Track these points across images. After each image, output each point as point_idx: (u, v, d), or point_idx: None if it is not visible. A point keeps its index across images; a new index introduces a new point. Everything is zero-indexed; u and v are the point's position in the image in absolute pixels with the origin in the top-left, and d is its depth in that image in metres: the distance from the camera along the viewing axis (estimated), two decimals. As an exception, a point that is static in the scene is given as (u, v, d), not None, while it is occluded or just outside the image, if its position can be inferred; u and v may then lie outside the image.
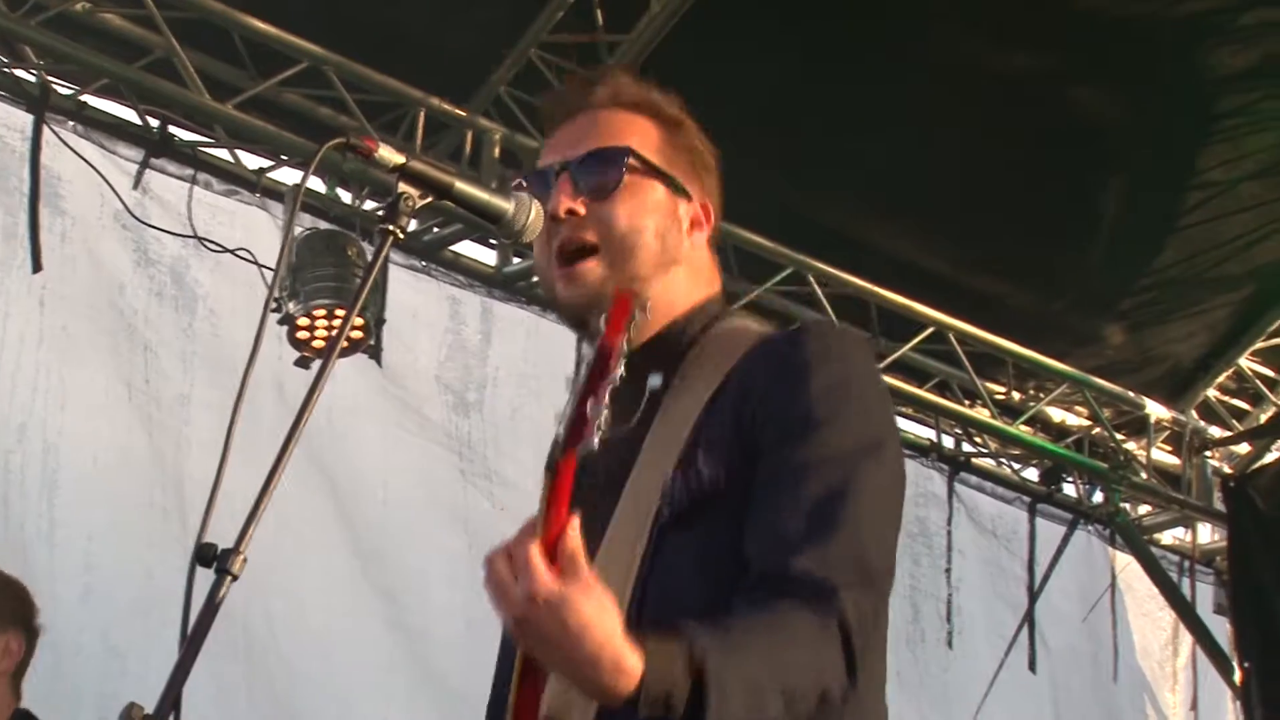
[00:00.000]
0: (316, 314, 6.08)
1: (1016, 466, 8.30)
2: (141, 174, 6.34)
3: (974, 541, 8.03)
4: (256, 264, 6.29)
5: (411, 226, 3.23)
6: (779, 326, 2.47)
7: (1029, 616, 7.90)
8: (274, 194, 6.50)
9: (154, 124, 6.35)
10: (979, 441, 8.17)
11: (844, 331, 2.48)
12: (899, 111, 6.62)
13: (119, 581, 5.98)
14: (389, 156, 2.33)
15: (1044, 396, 8.00)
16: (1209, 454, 8.48)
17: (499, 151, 6.50)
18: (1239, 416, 8.49)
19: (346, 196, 6.57)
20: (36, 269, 5.98)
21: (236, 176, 6.49)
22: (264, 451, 2.15)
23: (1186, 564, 8.42)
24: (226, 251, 6.35)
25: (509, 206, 2.41)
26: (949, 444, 8.05)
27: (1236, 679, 7.94)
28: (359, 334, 6.12)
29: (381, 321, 6.33)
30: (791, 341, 2.36)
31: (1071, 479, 8.25)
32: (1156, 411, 8.16)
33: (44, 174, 6.06)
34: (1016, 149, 6.83)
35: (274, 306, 5.95)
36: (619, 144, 2.47)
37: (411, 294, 6.75)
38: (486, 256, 6.92)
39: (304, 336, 6.11)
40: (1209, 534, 8.70)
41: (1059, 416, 8.28)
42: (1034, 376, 8.02)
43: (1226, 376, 8.29)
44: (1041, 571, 8.02)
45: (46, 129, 6.07)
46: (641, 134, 2.51)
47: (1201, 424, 8.41)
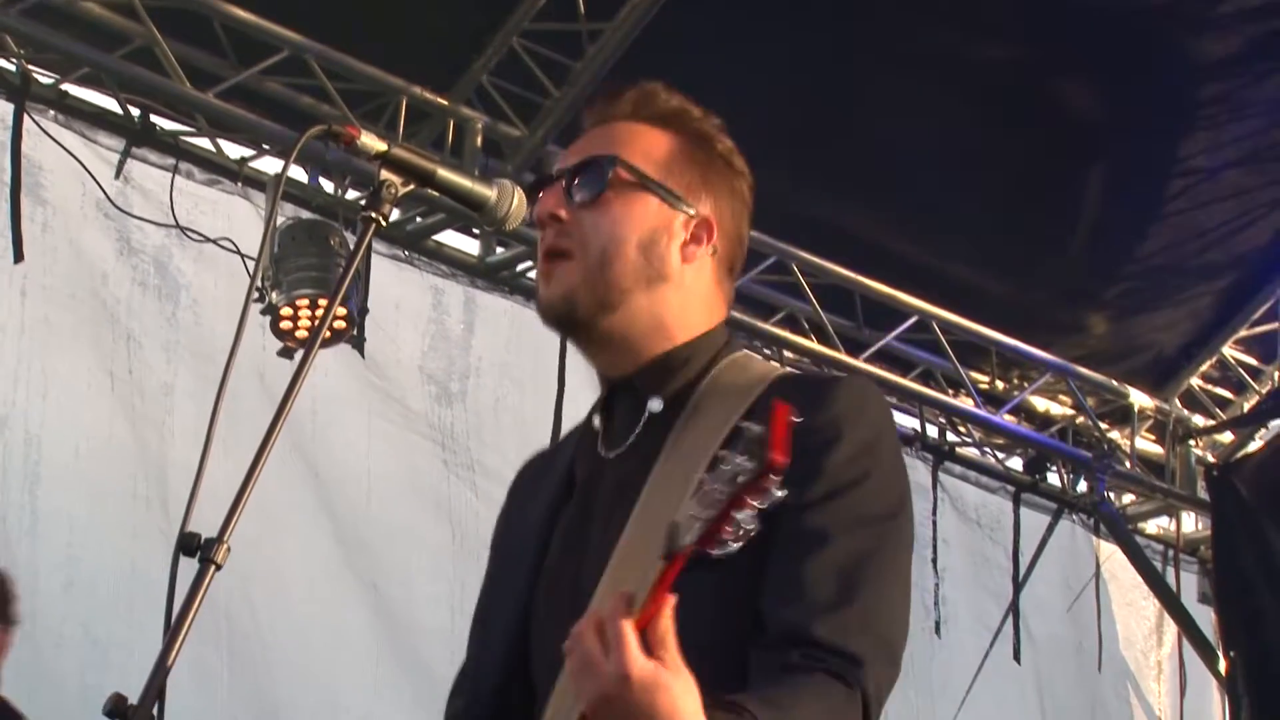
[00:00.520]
0: (299, 304, 6.09)
1: (1001, 456, 8.30)
2: (123, 163, 6.32)
3: (958, 531, 8.03)
4: (239, 253, 6.29)
5: (394, 215, 3.22)
6: (773, 354, 2.46)
7: (1014, 606, 7.90)
8: (256, 183, 6.50)
9: (135, 113, 6.33)
10: (963, 431, 8.16)
11: (870, 388, 2.47)
12: (881, 101, 6.63)
13: (101, 572, 5.98)
14: (371, 144, 2.33)
15: (1028, 385, 7.99)
16: (1193, 443, 8.48)
17: (481, 140, 6.49)
18: (1223, 405, 8.49)
19: (329, 186, 6.56)
20: (18, 259, 5.96)
21: (218, 166, 6.48)
22: (247, 442, 2.14)
23: (1171, 553, 8.41)
24: (209, 241, 6.35)
25: (491, 194, 2.42)
26: (933, 433, 8.05)
27: (1221, 668, 7.94)
28: (342, 324, 6.12)
29: (364, 312, 6.33)
30: (821, 394, 2.35)
31: (1055, 468, 8.26)
32: (1140, 400, 8.16)
33: (25, 163, 6.04)
34: (998, 138, 6.84)
35: (257, 296, 5.94)
36: (609, 153, 2.45)
37: (394, 284, 6.75)
38: (470, 246, 6.91)
39: (287, 327, 6.11)
40: (1193, 523, 8.70)
41: (1043, 405, 8.27)
42: (1018, 365, 8.01)
43: (1210, 365, 8.30)
44: (1026, 561, 8.03)
45: (27, 118, 6.04)
46: (647, 145, 2.49)
47: (1185, 413, 8.41)
